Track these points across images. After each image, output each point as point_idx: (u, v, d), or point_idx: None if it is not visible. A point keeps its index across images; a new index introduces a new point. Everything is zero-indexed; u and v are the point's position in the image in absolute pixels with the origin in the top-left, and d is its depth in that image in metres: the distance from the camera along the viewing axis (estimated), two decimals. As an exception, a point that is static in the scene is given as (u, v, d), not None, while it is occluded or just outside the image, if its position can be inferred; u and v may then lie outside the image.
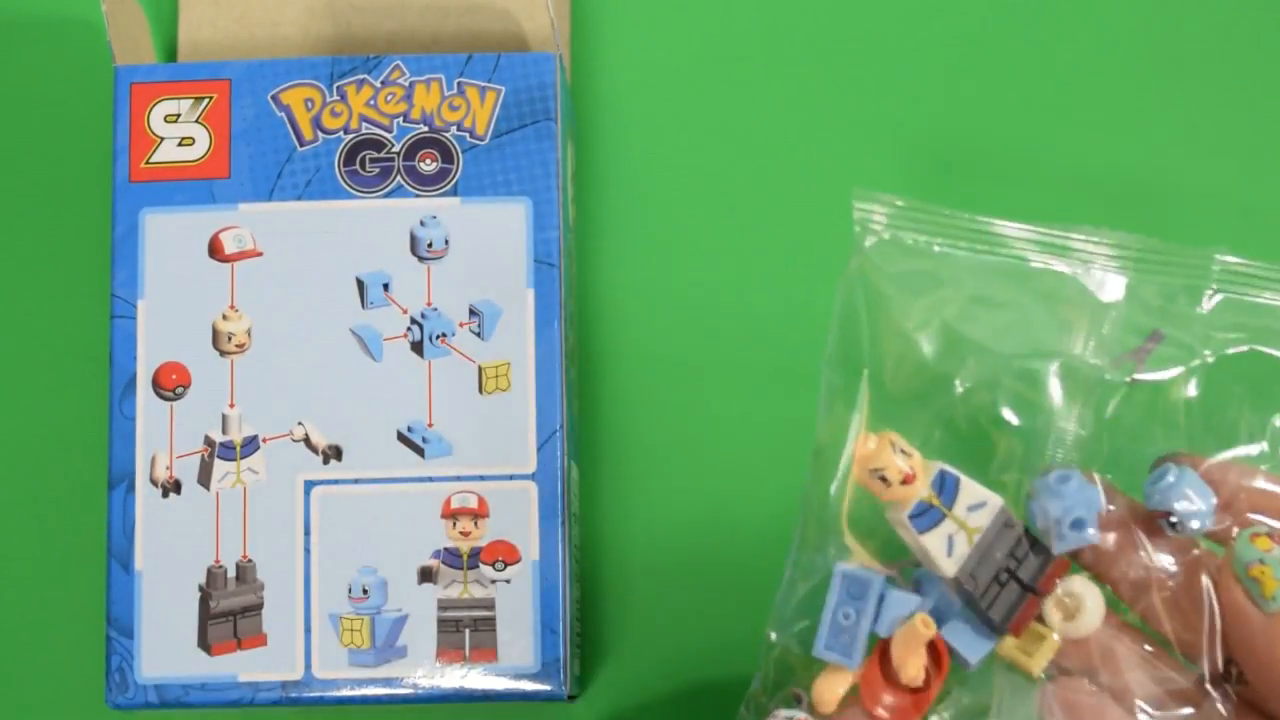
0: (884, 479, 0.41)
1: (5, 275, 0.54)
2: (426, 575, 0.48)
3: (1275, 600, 0.41)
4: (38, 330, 0.54)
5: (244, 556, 0.48)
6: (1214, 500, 0.41)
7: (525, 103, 0.50)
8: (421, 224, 0.49)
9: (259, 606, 0.48)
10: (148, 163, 0.50)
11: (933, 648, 0.41)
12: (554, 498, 0.48)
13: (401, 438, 0.48)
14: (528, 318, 0.49)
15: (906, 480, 0.41)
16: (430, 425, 0.48)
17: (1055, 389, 0.43)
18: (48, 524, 0.53)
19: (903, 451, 0.41)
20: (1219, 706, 0.41)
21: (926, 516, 0.41)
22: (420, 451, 0.48)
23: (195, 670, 0.48)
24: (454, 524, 0.48)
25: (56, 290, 0.54)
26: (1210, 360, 0.43)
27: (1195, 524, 0.41)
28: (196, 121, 0.50)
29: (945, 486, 0.41)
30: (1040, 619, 0.41)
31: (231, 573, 0.48)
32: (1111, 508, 0.42)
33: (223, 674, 0.47)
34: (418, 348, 0.49)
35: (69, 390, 0.53)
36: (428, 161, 0.49)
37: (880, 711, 0.41)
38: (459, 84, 0.50)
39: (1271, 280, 0.44)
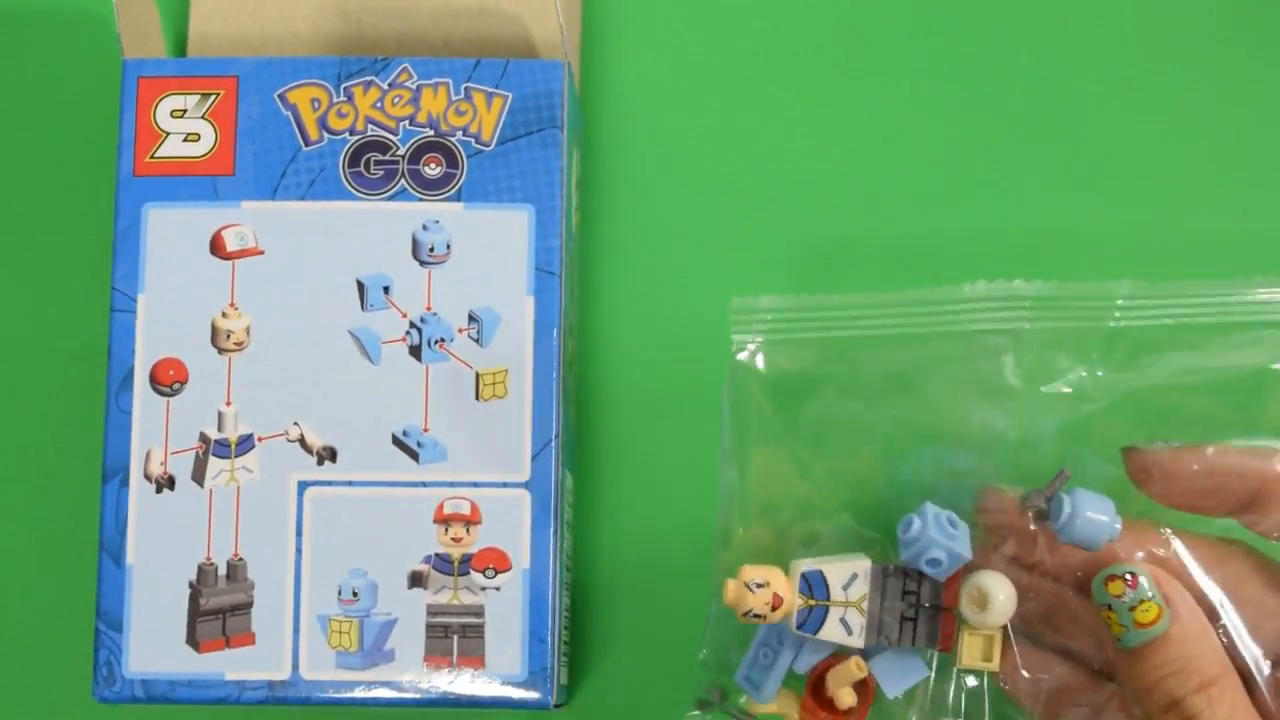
0: (758, 615, 0.44)
1: (6, 267, 0.54)
2: (417, 580, 0.48)
3: (1122, 641, 0.43)
4: (37, 322, 0.54)
5: (235, 555, 0.48)
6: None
7: (532, 109, 0.49)
8: (424, 228, 0.49)
9: (249, 605, 0.48)
10: (152, 157, 0.50)
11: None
12: (547, 507, 0.48)
13: (396, 441, 0.48)
14: (527, 325, 0.49)
15: (776, 605, 0.44)
16: (426, 430, 0.48)
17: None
18: (40, 516, 0.53)
19: (758, 585, 0.44)
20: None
21: (811, 618, 0.45)
22: (415, 456, 0.48)
23: (183, 666, 0.48)
24: (446, 530, 0.48)
25: (57, 283, 0.54)
26: (1108, 400, 0.46)
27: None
28: (202, 117, 0.50)
29: (814, 584, 0.45)
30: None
31: (222, 570, 0.48)
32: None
33: (210, 671, 0.48)
34: (416, 352, 0.49)
35: (66, 383, 0.53)
36: (432, 165, 0.49)
37: None
38: (466, 89, 0.50)
39: (1163, 308, 0.46)
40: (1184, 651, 0.43)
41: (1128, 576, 0.43)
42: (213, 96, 0.50)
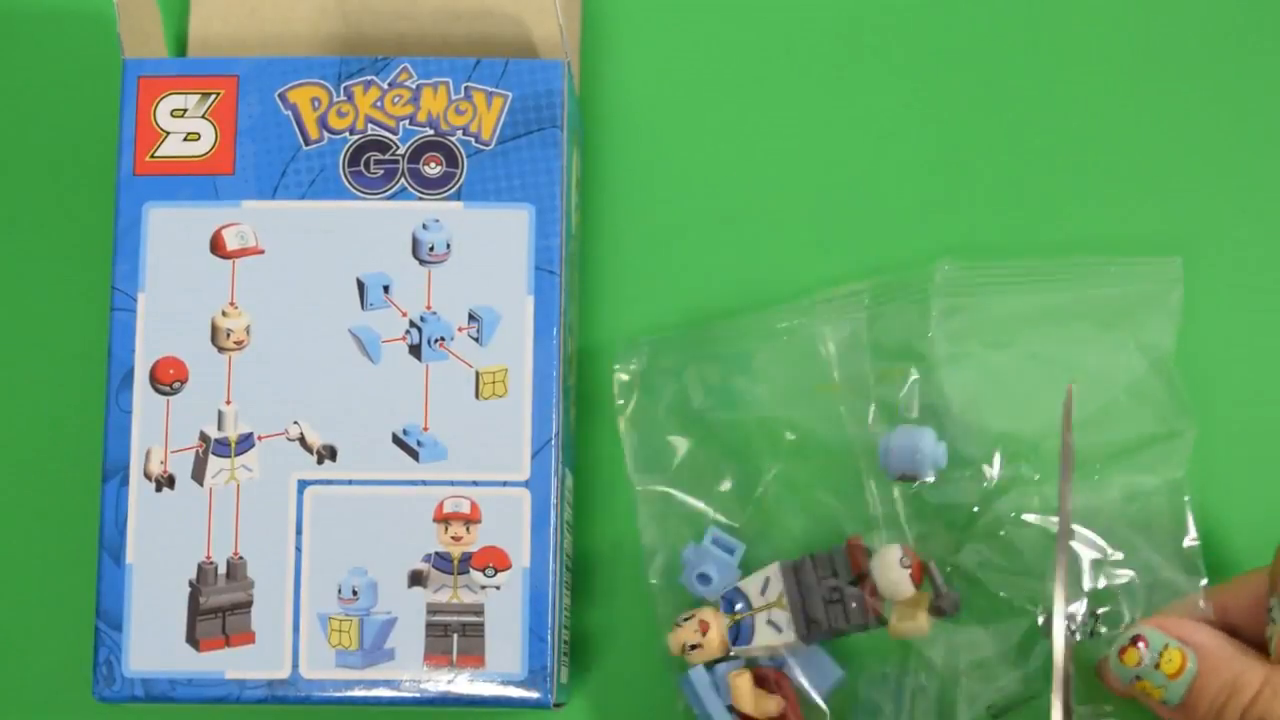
0: (695, 647, 0.48)
1: (7, 265, 0.54)
2: (417, 579, 0.48)
3: (1169, 701, 0.44)
4: (37, 321, 0.54)
5: (235, 554, 0.48)
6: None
7: (532, 109, 0.49)
8: (424, 227, 0.49)
9: (248, 604, 0.48)
10: (152, 156, 0.50)
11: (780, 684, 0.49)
12: (546, 506, 0.48)
13: (396, 440, 0.48)
14: (527, 324, 0.49)
15: (704, 630, 0.48)
16: (426, 429, 0.48)
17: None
18: (41, 515, 0.53)
19: (685, 619, 0.49)
20: None
21: (742, 632, 0.48)
22: (415, 455, 0.48)
23: (183, 665, 0.48)
24: (446, 528, 0.48)
25: (57, 281, 0.54)
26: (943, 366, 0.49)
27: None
28: (203, 117, 0.50)
29: (733, 600, 0.49)
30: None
31: (222, 569, 0.48)
32: None
33: (210, 670, 0.47)
34: (416, 351, 0.49)
35: (66, 382, 0.53)
36: (432, 165, 0.49)
37: None
38: (466, 88, 0.50)
39: (988, 279, 0.50)
40: (1224, 678, 0.44)
41: (1136, 639, 0.44)
42: (213, 96, 0.50)
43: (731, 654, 0.49)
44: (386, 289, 0.49)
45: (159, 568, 0.48)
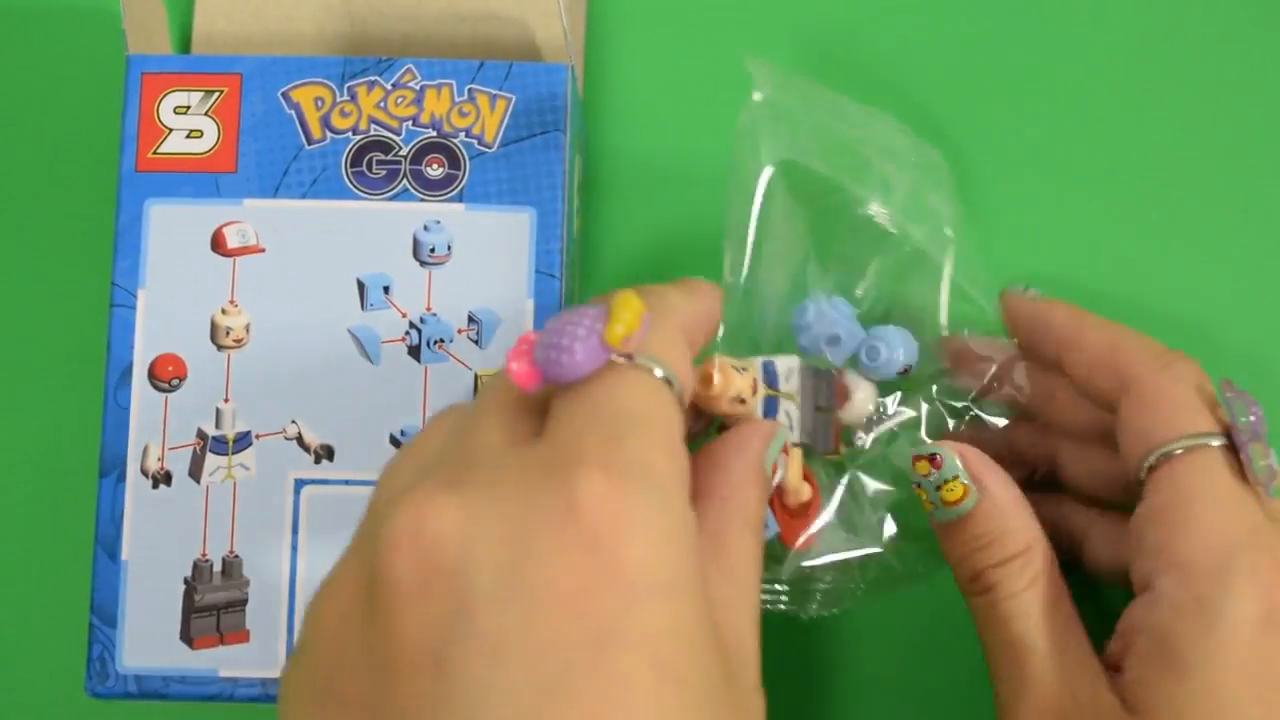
0: (742, 400, 0.45)
1: (7, 260, 0.54)
2: (412, 580, 0.48)
3: (933, 516, 0.46)
4: (37, 316, 0.54)
5: (231, 552, 0.48)
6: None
7: (535, 112, 0.50)
8: (425, 228, 0.49)
9: (243, 602, 0.48)
10: (155, 153, 0.50)
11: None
12: (543, 509, 0.48)
13: (394, 441, 0.48)
14: (526, 328, 0.49)
15: (754, 391, 0.45)
16: (423, 430, 0.48)
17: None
18: (37, 509, 0.53)
19: (741, 369, 0.45)
20: None
21: (769, 408, 0.46)
22: (412, 456, 0.48)
23: (176, 663, 0.48)
24: (442, 530, 0.48)
25: (57, 277, 0.54)
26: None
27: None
28: (206, 114, 0.50)
29: (769, 374, 0.46)
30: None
31: (217, 567, 0.48)
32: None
33: (203, 668, 0.47)
34: (415, 352, 0.49)
35: (65, 377, 0.53)
36: (434, 166, 0.49)
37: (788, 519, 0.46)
38: (470, 90, 0.50)
39: None
40: (989, 527, 0.45)
41: (934, 457, 0.45)
42: (216, 94, 0.50)
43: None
44: (387, 290, 0.49)
45: (154, 564, 0.48)
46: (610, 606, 0.33)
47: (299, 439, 0.48)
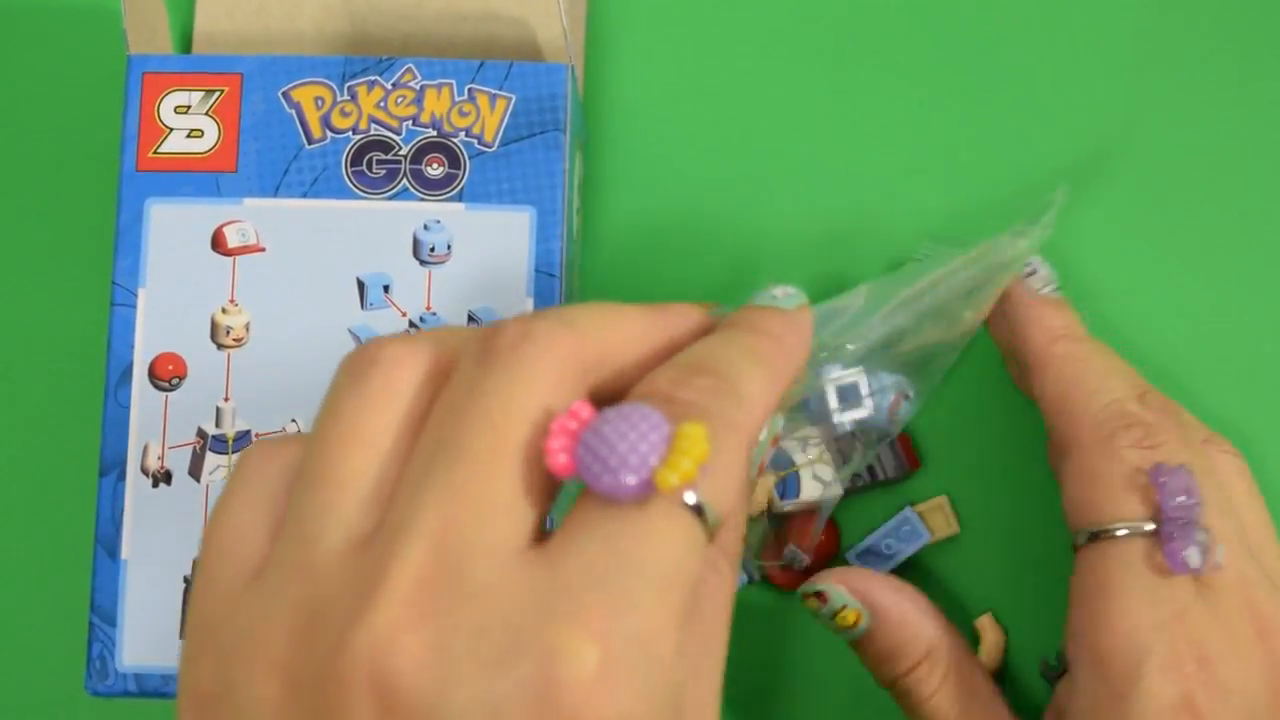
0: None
1: (8, 259, 0.54)
2: (411, 579, 0.48)
3: (843, 637, 0.48)
4: (37, 315, 0.54)
5: (230, 550, 0.48)
6: None
7: (535, 112, 0.50)
8: (425, 228, 0.49)
9: (243, 601, 0.48)
10: (156, 152, 0.50)
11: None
12: (542, 508, 0.48)
13: (393, 440, 0.48)
14: (526, 327, 0.49)
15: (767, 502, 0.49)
16: (423, 429, 0.48)
17: None
18: (37, 508, 0.53)
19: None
20: None
21: (789, 487, 0.49)
22: (411, 455, 0.48)
23: (176, 661, 0.48)
24: (441, 529, 0.48)
25: (58, 275, 0.54)
26: None
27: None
28: (206, 114, 0.50)
29: (776, 461, 0.49)
30: None
31: (217, 566, 0.48)
32: None
33: (203, 667, 0.48)
34: (415, 351, 0.49)
35: (65, 376, 0.53)
36: (434, 166, 0.49)
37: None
38: (470, 90, 0.50)
39: None
40: (886, 643, 0.47)
41: (819, 593, 0.47)
42: (217, 93, 0.50)
43: (780, 509, 0.50)
44: (387, 289, 0.49)
45: (154, 563, 0.48)
46: None
47: (299, 438, 0.48)
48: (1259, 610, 0.42)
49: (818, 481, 0.49)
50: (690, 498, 0.33)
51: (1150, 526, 0.43)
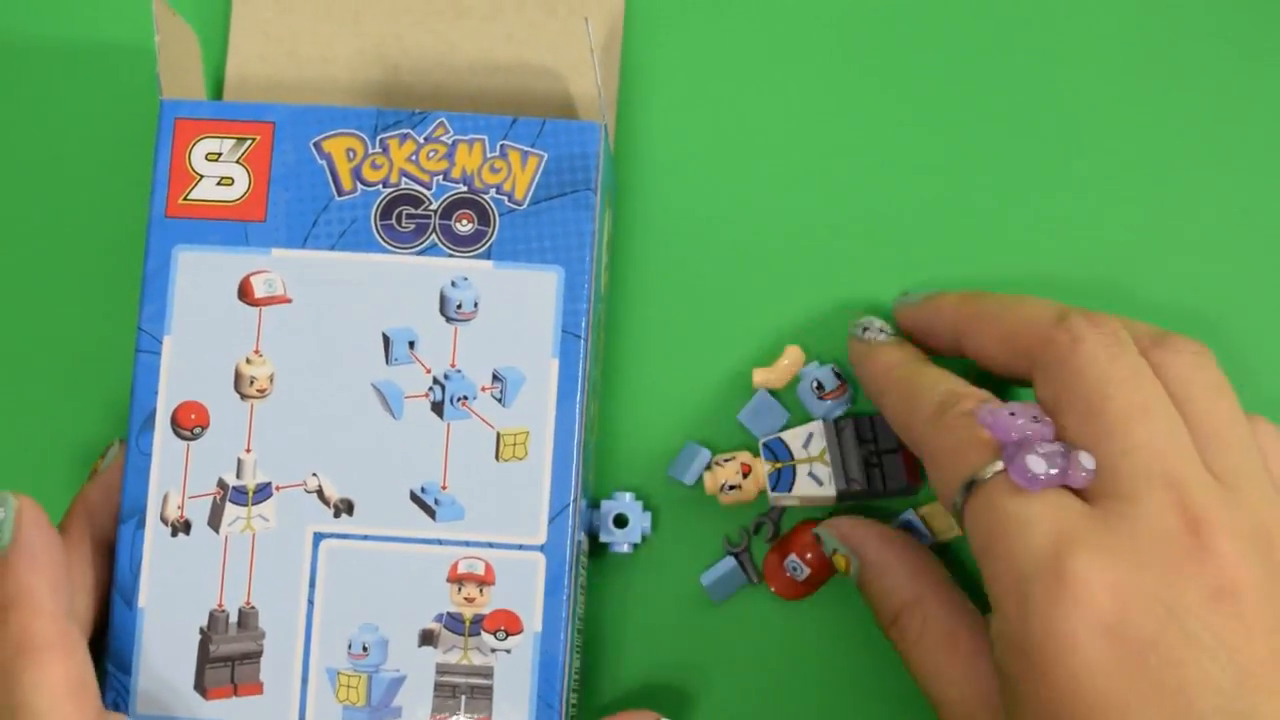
0: (733, 488, 0.51)
1: (35, 301, 0.54)
2: (427, 638, 0.48)
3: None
4: (62, 359, 0.54)
5: (247, 603, 0.48)
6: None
7: (566, 170, 0.49)
8: (453, 284, 0.49)
9: (258, 654, 0.48)
10: (185, 199, 0.50)
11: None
12: (561, 571, 0.48)
13: (414, 498, 0.48)
14: (550, 388, 0.48)
15: (745, 472, 0.51)
16: (444, 488, 0.48)
17: None
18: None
19: (726, 460, 0.51)
20: None
21: (782, 479, 0.50)
22: (432, 513, 0.48)
23: (189, 712, 0.47)
24: (459, 589, 0.48)
25: (84, 320, 0.54)
26: None
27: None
28: (237, 162, 0.50)
29: (776, 450, 0.50)
30: None
31: (234, 618, 0.48)
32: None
33: (216, 719, 0.47)
34: (438, 408, 0.49)
35: (87, 421, 0.53)
36: (464, 222, 0.49)
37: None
38: (502, 146, 0.50)
39: None
40: (871, 590, 0.49)
41: (816, 537, 0.50)
42: (248, 141, 0.50)
43: (769, 500, 0.51)
44: (412, 344, 0.49)
45: (171, 613, 0.48)
46: None
47: (319, 492, 0.48)
48: (1190, 512, 0.41)
49: (813, 480, 0.50)
50: None
51: (996, 466, 0.43)
